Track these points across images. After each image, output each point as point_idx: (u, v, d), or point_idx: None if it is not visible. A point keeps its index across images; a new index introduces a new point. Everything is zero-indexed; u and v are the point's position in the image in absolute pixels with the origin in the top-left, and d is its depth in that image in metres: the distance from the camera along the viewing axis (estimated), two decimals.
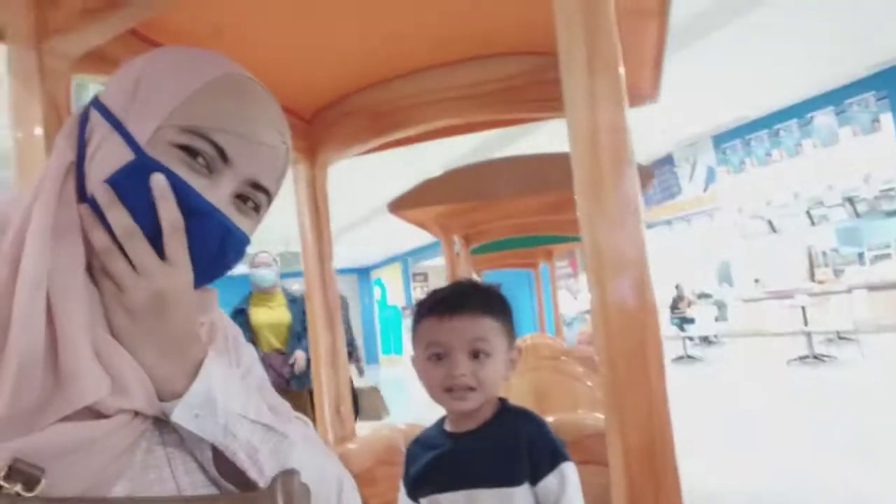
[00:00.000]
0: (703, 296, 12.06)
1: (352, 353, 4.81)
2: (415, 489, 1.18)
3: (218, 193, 0.60)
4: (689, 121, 7.95)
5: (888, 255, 10.60)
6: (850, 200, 9.32)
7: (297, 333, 4.11)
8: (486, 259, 4.87)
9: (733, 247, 11.41)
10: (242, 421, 0.59)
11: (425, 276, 20.40)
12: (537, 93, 1.31)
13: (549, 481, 1.08)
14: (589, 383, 2.53)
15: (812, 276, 11.06)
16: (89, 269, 0.57)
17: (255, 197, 0.65)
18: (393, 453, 1.39)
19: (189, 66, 0.62)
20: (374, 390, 4.87)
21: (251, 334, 4.04)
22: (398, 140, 1.51)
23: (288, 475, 0.54)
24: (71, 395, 0.50)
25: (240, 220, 0.63)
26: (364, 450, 1.38)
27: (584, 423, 1.37)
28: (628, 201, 0.76)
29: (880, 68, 6.10)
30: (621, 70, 0.79)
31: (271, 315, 4.17)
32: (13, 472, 0.45)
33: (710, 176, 9.82)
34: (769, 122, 7.56)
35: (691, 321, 10.96)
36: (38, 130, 0.83)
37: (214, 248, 0.61)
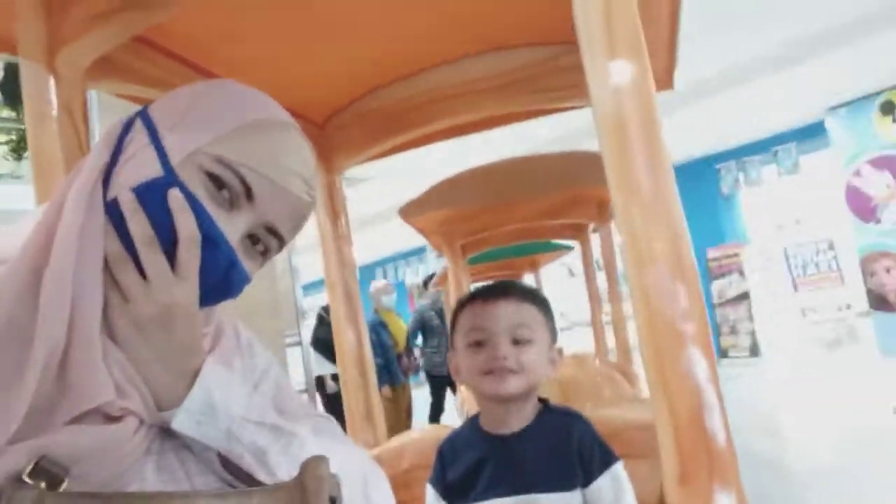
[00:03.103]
0: None
1: None
2: (454, 493, 1.14)
3: (233, 228, 0.60)
4: None
5: None
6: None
7: (410, 337, 5.98)
8: (474, 271, 4.84)
9: (546, 289, 13.04)
10: (246, 424, 0.58)
11: None
12: (553, 82, 1.29)
13: (602, 483, 1.04)
14: (617, 378, 2.49)
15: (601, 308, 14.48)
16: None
17: (266, 240, 0.65)
18: (427, 456, 1.36)
19: (240, 102, 0.63)
20: None
21: (393, 341, 5.62)
22: (413, 141, 1.49)
23: (317, 461, 0.53)
24: (80, 397, 0.50)
25: (245, 260, 0.63)
26: (396, 453, 1.36)
27: (623, 416, 1.33)
28: (663, 187, 0.73)
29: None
30: (644, 49, 0.76)
31: (398, 325, 5.86)
32: (38, 470, 0.45)
33: None
34: None
35: None
36: (54, 138, 0.82)
37: (218, 277, 0.60)
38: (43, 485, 0.45)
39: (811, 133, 8.60)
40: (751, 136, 9.00)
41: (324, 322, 5.66)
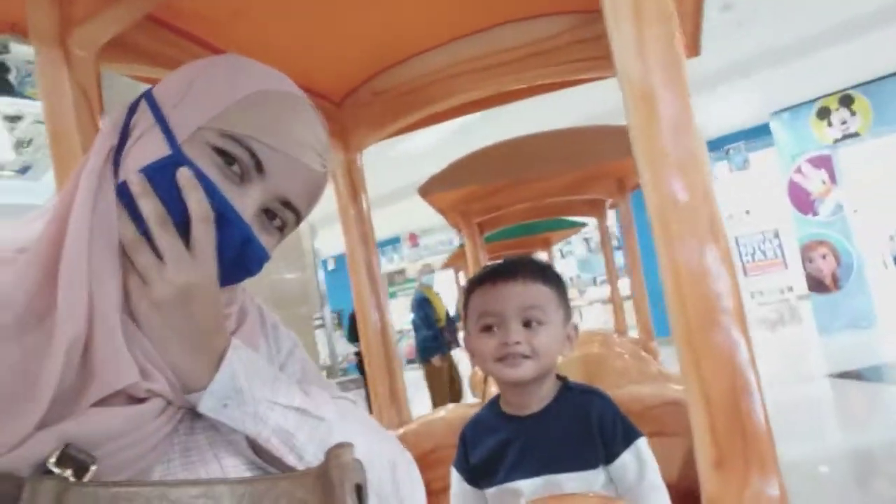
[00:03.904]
0: None
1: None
2: (479, 476, 1.13)
3: (245, 202, 0.59)
4: None
5: None
6: (587, 241, 13.95)
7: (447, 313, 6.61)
8: (489, 249, 4.81)
9: None
10: (273, 406, 0.58)
11: None
12: (575, 53, 1.24)
13: (626, 459, 1.03)
14: (644, 355, 2.47)
15: None
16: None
17: (282, 214, 0.63)
18: (452, 436, 1.36)
19: (243, 75, 0.62)
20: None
21: (435, 314, 6.31)
22: (432, 116, 1.46)
23: (342, 448, 0.52)
24: (105, 380, 0.50)
25: (262, 236, 0.62)
26: (422, 433, 1.35)
27: (649, 394, 1.31)
28: (693, 157, 0.70)
29: None
30: (674, 12, 0.73)
31: (439, 302, 6.56)
32: (64, 458, 0.45)
33: None
34: None
35: None
36: (71, 121, 0.81)
37: (233, 254, 0.59)
38: (70, 472, 0.45)
39: (758, 134, 9.91)
40: (705, 135, 10.57)
41: None
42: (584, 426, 1.06)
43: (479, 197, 2.70)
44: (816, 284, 9.11)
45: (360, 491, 0.51)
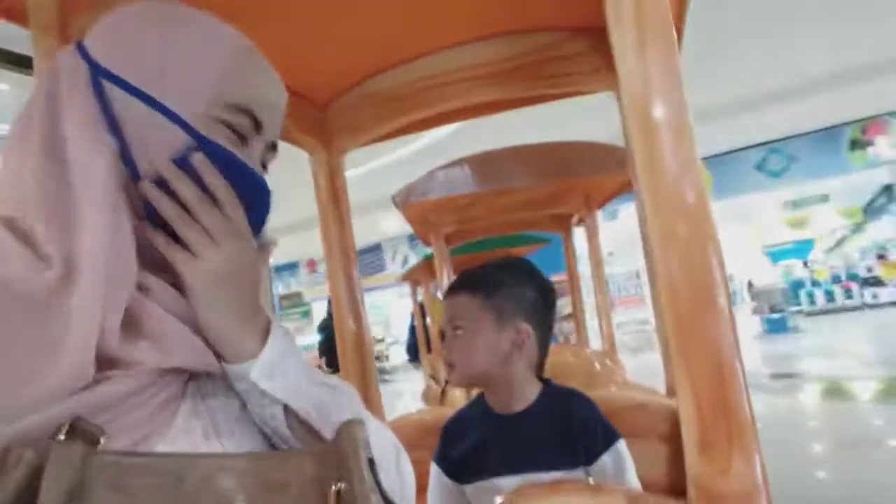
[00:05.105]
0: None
1: None
2: (459, 471, 1.15)
3: (252, 160, 0.62)
4: (397, 225, 11.95)
5: None
6: None
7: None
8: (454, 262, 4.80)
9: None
10: (311, 381, 0.59)
11: None
12: (559, 68, 1.29)
13: (605, 461, 1.06)
14: (608, 362, 2.52)
15: None
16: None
17: (270, 155, 0.67)
18: (424, 437, 1.36)
19: (210, 35, 0.61)
20: None
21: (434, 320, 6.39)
22: (415, 123, 1.48)
23: (353, 424, 0.53)
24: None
25: None
26: (395, 433, 1.35)
27: (618, 397, 1.35)
28: (690, 161, 0.74)
29: None
30: (674, 36, 0.76)
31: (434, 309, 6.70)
32: (74, 430, 0.44)
33: (405, 261, 14.45)
34: None
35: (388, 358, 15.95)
36: None
37: (266, 220, 0.63)
38: (80, 444, 0.44)
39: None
40: None
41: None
42: (566, 427, 1.08)
43: (449, 208, 2.73)
44: None
45: (372, 465, 0.51)
